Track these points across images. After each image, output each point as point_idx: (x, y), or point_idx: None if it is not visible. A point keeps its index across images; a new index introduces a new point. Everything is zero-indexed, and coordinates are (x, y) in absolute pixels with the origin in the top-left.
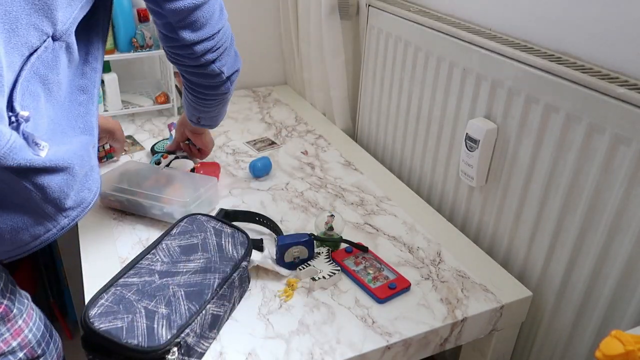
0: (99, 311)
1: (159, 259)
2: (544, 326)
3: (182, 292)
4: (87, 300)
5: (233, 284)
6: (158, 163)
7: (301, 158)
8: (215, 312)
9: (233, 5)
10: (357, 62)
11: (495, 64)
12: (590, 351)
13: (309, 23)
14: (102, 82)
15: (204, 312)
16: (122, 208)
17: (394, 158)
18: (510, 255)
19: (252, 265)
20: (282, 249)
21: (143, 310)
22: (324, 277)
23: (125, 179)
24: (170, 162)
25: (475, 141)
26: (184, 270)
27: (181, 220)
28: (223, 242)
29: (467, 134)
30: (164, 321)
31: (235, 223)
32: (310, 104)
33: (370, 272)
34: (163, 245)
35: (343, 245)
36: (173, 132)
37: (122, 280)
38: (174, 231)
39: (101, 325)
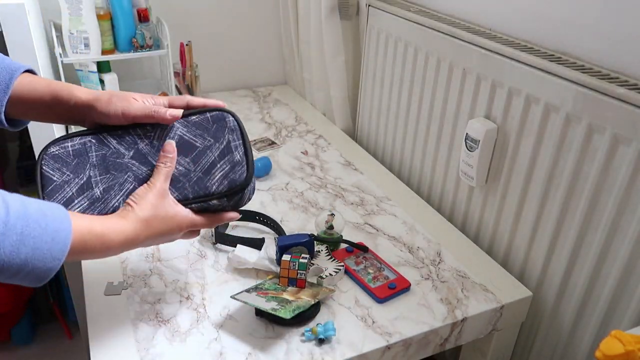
0: (57, 153)
1: (151, 137)
2: (544, 326)
3: (131, 187)
4: (87, 299)
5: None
6: None
7: (301, 158)
8: None
9: (233, 6)
10: (357, 62)
11: (495, 64)
12: (590, 351)
13: (309, 23)
14: (102, 82)
15: None
16: None
17: (394, 158)
18: (510, 255)
19: (247, 267)
20: (282, 250)
21: (84, 179)
22: (330, 275)
23: None
24: None
25: (475, 141)
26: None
27: (212, 110)
28: (218, 164)
29: (467, 134)
30: (84, 203)
31: (235, 223)
32: (310, 104)
33: (371, 271)
34: (168, 127)
35: (343, 245)
36: None
37: (105, 134)
38: (193, 118)
39: (45, 168)
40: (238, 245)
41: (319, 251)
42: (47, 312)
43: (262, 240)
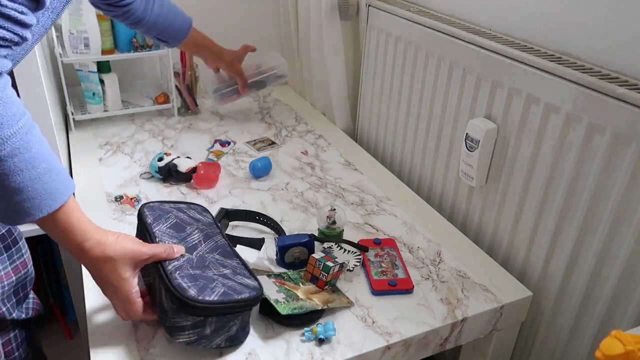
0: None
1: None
2: (544, 326)
3: (216, 256)
4: (87, 299)
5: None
6: (160, 160)
7: (301, 158)
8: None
9: (233, 5)
10: (357, 62)
11: (495, 64)
12: (590, 351)
13: (309, 23)
14: (102, 82)
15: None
16: None
17: (394, 158)
18: (510, 255)
19: None
20: (282, 250)
21: (213, 277)
22: (355, 266)
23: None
24: (172, 160)
25: (475, 141)
26: (195, 242)
27: (141, 212)
28: (192, 214)
29: (467, 134)
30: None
31: (235, 223)
32: (310, 104)
33: (383, 265)
34: (157, 232)
35: (365, 237)
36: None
37: (169, 267)
38: (148, 220)
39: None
40: (238, 245)
41: (330, 247)
42: (47, 312)
43: (262, 241)
